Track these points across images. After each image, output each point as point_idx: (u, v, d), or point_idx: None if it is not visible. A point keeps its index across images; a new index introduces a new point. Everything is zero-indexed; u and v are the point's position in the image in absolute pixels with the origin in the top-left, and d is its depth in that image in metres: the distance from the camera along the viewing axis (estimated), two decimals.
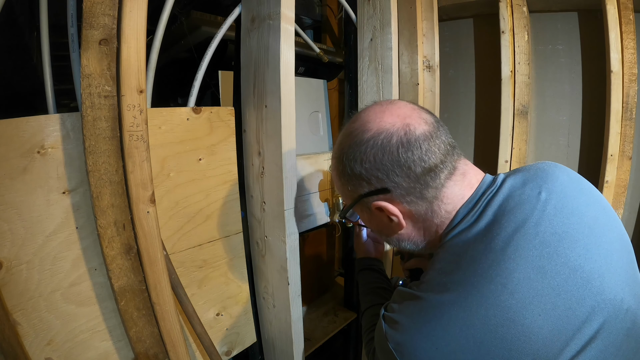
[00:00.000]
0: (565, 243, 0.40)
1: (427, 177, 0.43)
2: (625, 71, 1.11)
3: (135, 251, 0.58)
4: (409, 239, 0.50)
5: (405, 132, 0.43)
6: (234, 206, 0.77)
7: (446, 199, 0.45)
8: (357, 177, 0.46)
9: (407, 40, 1.19)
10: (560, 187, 0.44)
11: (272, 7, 0.66)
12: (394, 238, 0.51)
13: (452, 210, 0.46)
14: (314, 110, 1.22)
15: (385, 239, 0.55)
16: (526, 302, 0.37)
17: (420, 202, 0.45)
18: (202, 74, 0.72)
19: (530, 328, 0.36)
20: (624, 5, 1.10)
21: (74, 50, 0.63)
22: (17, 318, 0.51)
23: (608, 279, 0.39)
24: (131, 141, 0.55)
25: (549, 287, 0.38)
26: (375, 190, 0.45)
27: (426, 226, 0.48)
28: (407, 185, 0.43)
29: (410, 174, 0.43)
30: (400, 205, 0.45)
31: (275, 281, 0.78)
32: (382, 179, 0.44)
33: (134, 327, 0.59)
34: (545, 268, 0.38)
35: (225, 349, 0.78)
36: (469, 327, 0.37)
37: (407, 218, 0.47)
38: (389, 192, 0.44)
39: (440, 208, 0.46)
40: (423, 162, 0.43)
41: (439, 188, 0.45)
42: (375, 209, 0.47)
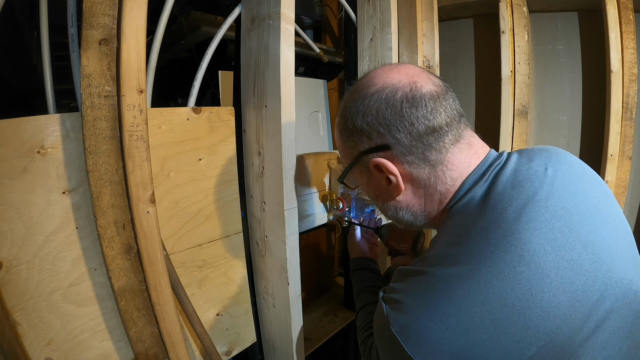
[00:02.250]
0: (575, 219, 0.38)
1: (430, 138, 0.41)
2: (625, 71, 1.11)
3: (135, 251, 0.58)
4: (407, 208, 0.46)
5: (411, 89, 0.41)
6: (234, 206, 0.77)
7: (451, 165, 0.43)
8: (358, 132, 0.44)
9: (407, 40, 1.19)
10: (565, 166, 0.42)
11: (272, 7, 0.66)
12: (391, 205, 0.47)
13: (458, 177, 0.43)
14: (314, 110, 1.22)
15: (382, 207, 0.50)
16: (544, 275, 0.34)
17: (422, 164, 0.42)
18: (202, 74, 0.72)
19: (549, 303, 0.34)
20: (624, 5, 1.10)
21: (74, 50, 0.63)
22: (17, 318, 0.51)
23: (617, 259, 0.38)
24: (131, 141, 0.55)
25: (564, 260, 0.35)
26: (375, 147, 0.43)
27: (428, 194, 0.44)
28: (408, 143, 0.41)
29: (413, 131, 0.41)
30: (401, 165, 0.43)
31: (275, 281, 0.78)
32: (383, 134, 0.42)
33: (134, 327, 0.59)
34: (559, 241, 0.36)
35: (225, 349, 0.78)
36: (483, 303, 0.34)
37: (407, 182, 0.44)
38: (389, 149, 0.42)
39: (444, 174, 0.43)
40: (427, 121, 0.41)
41: (443, 152, 0.42)
42: (374, 167, 0.44)
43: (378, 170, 0.44)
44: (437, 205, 0.45)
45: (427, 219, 0.47)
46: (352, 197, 0.88)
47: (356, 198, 0.88)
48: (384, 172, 0.44)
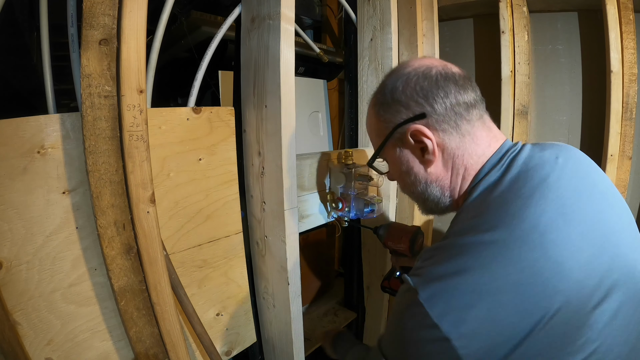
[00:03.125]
0: (584, 199, 0.41)
1: (461, 108, 0.46)
2: (625, 71, 1.11)
3: (135, 251, 0.58)
4: (437, 181, 0.49)
5: (444, 68, 0.47)
6: (234, 206, 0.77)
7: (476, 139, 0.47)
8: (397, 103, 0.48)
9: (407, 40, 1.19)
10: (575, 157, 0.46)
11: (272, 7, 0.66)
12: (422, 179, 0.50)
13: (481, 156, 0.47)
14: (314, 110, 1.22)
15: (412, 182, 0.51)
16: (557, 242, 0.37)
17: (454, 133, 0.46)
18: (202, 74, 0.72)
19: (564, 266, 0.36)
20: (624, 5, 1.10)
21: (74, 50, 0.63)
22: (17, 318, 0.51)
23: (622, 239, 0.41)
24: (131, 141, 0.55)
25: (574, 232, 0.38)
26: (413, 117, 0.46)
27: (455, 167, 0.48)
28: (443, 111, 0.45)
29: (447, 101, 0.45)
30: (436, 133, 0.46)
31: (275, 281, 0.78)
32: (420, 103, 0.46)
33: (134, 327, 0.59)
34: (569, 216, 0.39)
35: (225, 349, 0.78)
36: (506, 266, 0.37)
37: (439, 151, 0.47)
38: (425, 118, 0.46)
39: (471, 148, 0.47)
40: (458, 94, 0.46)
41: (472, 123, 0.47)
42: (411, 135, 0.47)
43: (414, 139, 0.47)
44: (460, 182, 0.48)
45: (451, 198, 0.50)
46: (352, 197, 0.88)
47: (356, 198, 0.88)
48: (419, 141, 0.47)
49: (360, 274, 1.18)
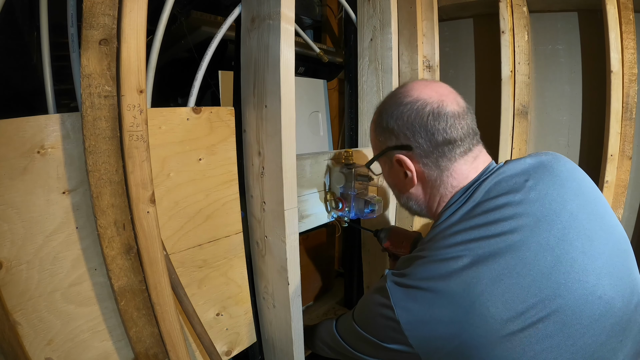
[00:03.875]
0: (542, 225, 0.44)
1: (445, 148, 0.50)
2: (625, 71, 1.11)
3: (135, 251, 0.58)
4: (415, 200, 0.57)
5: (438, 106, 0.50)
6: (234, 206, 0.77)
7: (455, 173, 0.52)
8: (389, 131, 0.54)
9: (407, 40, 1.19)
10: (549, 177, 0.49)
11: (272, 7, 0.66)
12: (404, 195, 0.58)
13: (457, 187, 0.52)
14: (314, 110, 1.22)
15: (396, 194, 0.61)
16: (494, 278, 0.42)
17: (434, 167, 0.52)
18: (202, 74, 0.72)
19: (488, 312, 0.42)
20: (624, 5, 1.10)
21: (74, 50, 0.63)
22: (17, 318, 0.51)
23: (581, 262, 0.43)
24: (131, 141, 0.55)
25: (518, 260, 0.43)
26: (400, 145, 0.53)
27: (432, 194, 0.54)
28: (426, 148, 0.51)
29: (432, 140, 0.50)
30: (417, 164, 0.53)
31: (275, 281, 0.78)
32: (408, 137, 0.51)
33: (134, 327, 0.59)
34: (515, 245, 0.43)
35: (225, 349, 0.78)
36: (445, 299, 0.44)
37: (420, 179, 0.54)
38: (410, 150, 0.52)
39: (448, 181, 0.52)
40: (445, 134, 0.50)
41: (452, 161, 0.51)
42: (396, 161, 0.54)
43: (399, 164, 0.54)
44: (436, 205, 0.55)
45: (429, 213, 0.58)
46: (352, 197, 0.88)
47: (356, 198, 0.88)
48: (403, 167, 0.54)
49: (360, 274, 1.18)
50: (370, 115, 1.06)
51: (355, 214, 0.89)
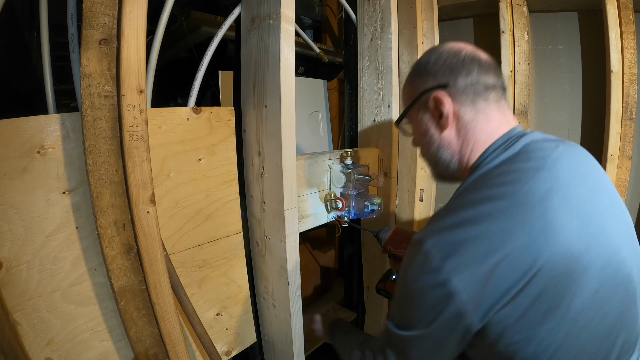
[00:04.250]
0: (578, 181, 0.45)
1: (480, 87, 0.51)
2: (625, 71, 1.11)
3: (135, 251, 0.58)
4: (448, 145, 0.55)
5: (473, 52, 0.53)
6: (234, 206, 0.77)
7: (489, 118, 0.52)
8: (427, 73, 0.55)
9: (407, 40, 1.19)
10: (575, 150, 0.51)
11: (272, 7, 0.66)
12: (436, 140, 0.56)
13: (492, 134, 0.52)
14: (314, 110, 1.22)
15: (427, 143, 0.58)
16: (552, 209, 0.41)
17: (469, 107, 0.52)
18: (202, 74, 0.72)
19: (555, 230, 0.40)
20: (624, 5, 1.10)
21: (74, 50, 0.63)
22: (17, 318, 0.51)
23: (610, 224, 0.44)
24: (131, 141, 0.55)
25: (567, 205, 0.42)
26: (437, 85, 0.53)
27: (466, 139, 0.53)
28: (463, 85, 0.51)
29: (468, 78, 0.51)
30: (454, 102, 0.52)
31: (275, 281, 0.78)
32: (446, 75, 0.52)
33: (134, 327, 0.59)
34: (562, 192, 0.43)
35: (225, 349, 0.78)
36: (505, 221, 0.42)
37: (454, 120, 0.53)
38: (447, 87, 0.52)
39: (482, 125, 0.52)
40: (480, 75, 0.51)
41: (487, 103, 0.52)
42: (433, 99, 0.53)
43: (435, 103, 0.53)
44: (469, 153, 0.53)
45: (459, 164, 0.55)
46: (352, 197, 0.88)
47: (356, 198, 0.88)
48: (438, 106, 0.53)
49: (360, 274, 1.18)
50: (371, 115, 1.06)
51: (355, 214, 0.89)
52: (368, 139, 1.08)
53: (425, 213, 1.26)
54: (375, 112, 1.05)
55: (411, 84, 0.58)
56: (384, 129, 1.04)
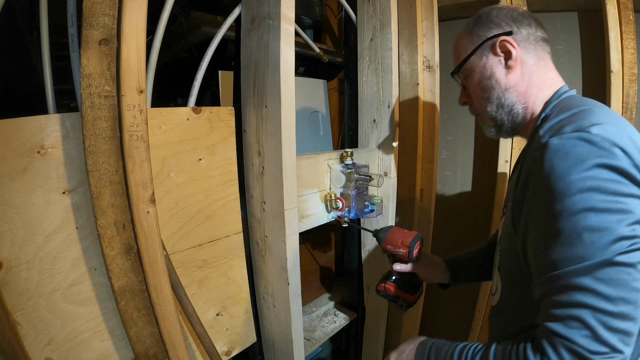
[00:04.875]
0: None
1: (539, 38, 0.58)
2: (625, 71, 1.11)
3: (135, 251, 0.58)
4: (514, 87, 0.57)
5: (527, 11, 0.60)
6: (234, 206, 0.77)
7: (548, 66, 0.58)
8: (490, 22, 0.59)
9: (407, 40, 1.19)
10: None
11: (272, 7, 0.66)
12: (502, 84, 0.58)
13: (554, 79, 0.58)
14: (314, 110, 1.22)
15: (488, 91, 0.60)
16: None
17: (531, 53, 0.57)
18: (202, 74, 0.72)
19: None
20: (624, 5, 1.10)
21: (74, 50, 0.63)
22: (17, 318, 0.51)
23: None
24: (131, 141, 0.55)
25: None
26: (502, 32, 0.58)
27: (532, 82, 0.57)
28: (525, 35, 0.57)
29: (529, 29, 0.57)
30: (518, 47, 0.57)
31: (275, 281, 0.78)
32: (510, 25, 0.58)
33: (134, 327, 0.59)
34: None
35: (225, 349, 0.78)
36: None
37: (518, 63, 0.57)
38: (512, 35, 0.57)
39: (545, 70, 0.58)
40: (537, 29, 0.58)
41: (545, 53, 0.58)
42: (499, 45, 0.57)
43: (501, 49, 0.57)
44: (533, 98, 0.57)
45: (525, 107, 0.58)
46: (352, 197, 0.88)
47: (356, 198, 0.88)
48: (505, 51, 0.57)
49: (360, 274, 1.18)
50: (371, 115, 1.06)
51: (355, 214, 0.89)
52: (368, 139, 1.08)
53: (425, 213, 1.26)
54: (375, 112, 1.05)
55: (471, 34, 0.61)
56: (384, 129, 1.04)
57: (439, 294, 1.51)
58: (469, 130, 1.43)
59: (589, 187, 0.40)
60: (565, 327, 0.40)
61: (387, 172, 1.06)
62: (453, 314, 1.47)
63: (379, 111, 1.04)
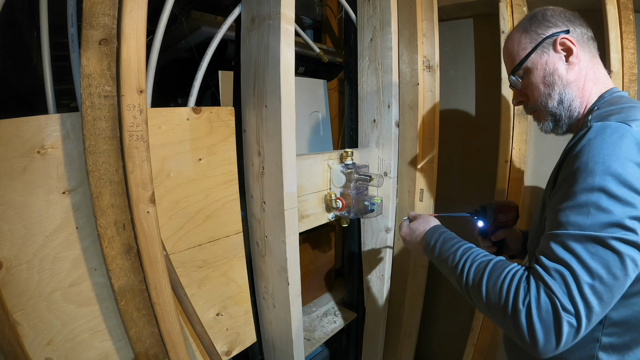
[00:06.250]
0: None
1: (590, 37, 0.62)
2: (625, 71, 1.11)
3: (135, 251, 0.58)
4: (575, 82, 0.60)
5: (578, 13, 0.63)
6: (234, 206, 0.77)
7: (600, 64, 0.62)
8: (547, 21, 0.62)
9: (407, 40, 1.19)
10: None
11: (272, 7, 0.66)
12: (563, 79, 0.61)
13: (606, 76, 0.62)
14: (314, 110, 1.22)
15: (550, 87, 0.62)
16: None
17: (586, 50, 0.61)
18: (202, 74, 0.72)
19: None
20: (624, 5, 1.10)
21: (74, 50, 0.63)
22: (17, 318, 0.51)
23: None
24: (131, 141, 0.55)
25: None
26: (560, 31, 0.61)
27: (588, 78, 0.61)
28: (580, 34, 0.61)
29: (582, 29, 0.61)
30: (576, 46, 0.59)
31: (275, 281, 0.78)
32: (566, 24, 0.61)
33: (134, 327, 0.59)
34: None
35: (225, 349, 0.78)
36: None
37: (577, 60, 0.60)
38: (568, 33, 0.60)
39: (598, 67, 0.61)
40: (588, 29, 0.62)
41: (596, 51, 0.62)
42: (559, 43, 0.60)
43: (562, 46, 0.60)
44: (588, 93, 0.61)
45: (581, 107, 0.61)
46: (352, 197, 0.88)
47: (356, 198, 0.88)
48: (565, 48, 0.60)
49: (360, 274, 1.18)
50: (371, 115, 1.06)
51: (355, 214, 0.89)
52: (368, 139, 1.08)
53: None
54: (375, 112, 1.05)
55: (528, 32, 0.63)
56: (384, 129, 1.04)
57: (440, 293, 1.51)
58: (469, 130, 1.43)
59: (612, 172, 0.44)
60: (550, 277, 0.45)
61: (387, 172, 1.06)
62: (453, 314, 1.47)
63: (379, 111, 1.04)
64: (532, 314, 0.44)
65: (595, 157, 0.46)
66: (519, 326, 0.45)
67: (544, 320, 0.43)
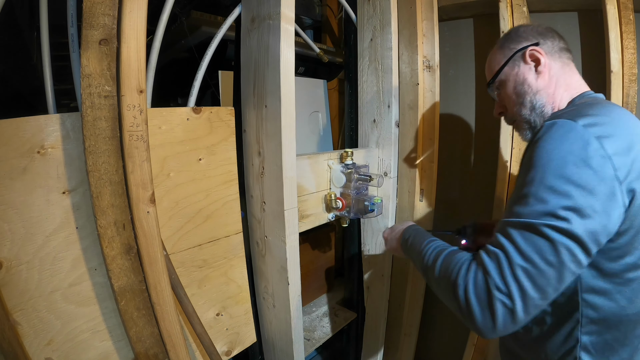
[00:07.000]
0: None
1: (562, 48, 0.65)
2: (625, 71, 1.11)
3: (135, 251, 0.58)
4: (544, 89, 0.64)
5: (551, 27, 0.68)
6: (234, 206, 0.77)
7: (573, 72, 0.65)
8: (519, 37, 0.67)
9: (407, 40, 1.19)
10: None
11: (272, 7, 0.66)
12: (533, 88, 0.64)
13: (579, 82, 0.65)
14: (314, 110, 1.22)
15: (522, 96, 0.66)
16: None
17: (557, 60, 0.64)
18: (202, 74, 0.72)
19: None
20: (624, 5, 1.10)
21: (74, 50, 0.63)
22: (17, 318, 0.51)
23: None
24: (131, 141, 0.55)
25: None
26: (531, 44, 0.65)
27: (558, 84, 0.64)
28: (550, 45, 0.65)
29: (553, 41, 0.65)
30: (545, 55, 0.64)
31: (275, 281, 0.78)
32: (536, 37, 0.65)
33: (134, 327, 0.59)
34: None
35: (225, 349, 0.78)
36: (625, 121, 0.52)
37: (547, 69, 0.64)
38: (539, 45, 0.64)
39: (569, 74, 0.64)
40: (560, 41, 0.66)
41: (569, 60, 0.65)
42: (529, 55, 0.64)
43: (531, 57, 0.64)
44: (559, 98, 0.63)
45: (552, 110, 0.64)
46: (352, 197, 0.88)
47: (356, 198, 0.88)
48: (534, 59, 0.64)
49: (360, 273, 1.18)
50: (371, 115, 1.06)
51: (355, 214, 0.89)
52: (368, 139, 1.08)
53: (425, 213, 1.26)
54: (375, 112, 1.05)
55: (502, 49, 0.69)
56: (384, 129, 1.04)
57: None
58: (469, 131, 1.43)
59: (552, 166, 0.48)
60: (488, 258, 0.48)
61: (387, 172, 1.06)
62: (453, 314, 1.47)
63: (379, 111, 1.04)
64: (469, 289, 0.48)
65: (540, 153, 0.50)
66: (458, 299, 0.50)
67: (480, 297, 0.47)
